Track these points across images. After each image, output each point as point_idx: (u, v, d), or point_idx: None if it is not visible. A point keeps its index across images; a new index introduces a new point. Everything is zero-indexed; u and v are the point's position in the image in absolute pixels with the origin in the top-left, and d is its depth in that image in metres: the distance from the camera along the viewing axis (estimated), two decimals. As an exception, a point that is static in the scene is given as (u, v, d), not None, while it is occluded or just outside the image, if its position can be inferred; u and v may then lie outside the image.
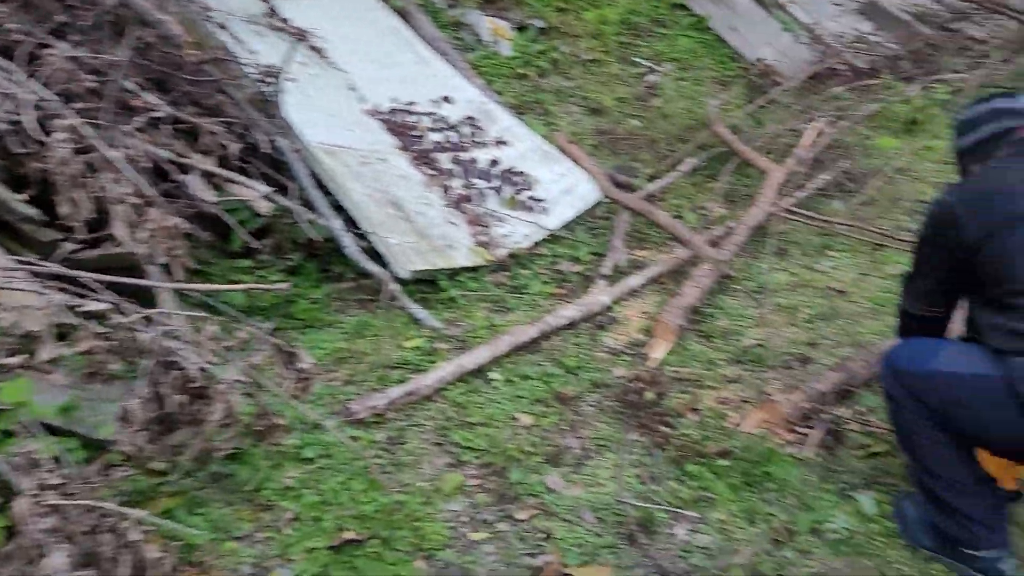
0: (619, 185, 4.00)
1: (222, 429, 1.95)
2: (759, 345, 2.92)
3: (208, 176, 2.75)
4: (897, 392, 2.04)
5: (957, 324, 2.16)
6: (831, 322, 3.10)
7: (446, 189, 3.51)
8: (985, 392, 1.88)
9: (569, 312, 3.02)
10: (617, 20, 5.48)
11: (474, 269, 3.26)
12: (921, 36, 5.68)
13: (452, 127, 3.88)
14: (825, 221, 3.70)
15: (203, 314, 2.04)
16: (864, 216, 3.83)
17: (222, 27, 3.31)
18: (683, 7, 5.72)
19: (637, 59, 5.35)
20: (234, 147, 2.81)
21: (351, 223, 3.11)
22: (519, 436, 2.47)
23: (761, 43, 5.50)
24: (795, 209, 3.74)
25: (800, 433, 2.51)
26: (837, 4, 5.93)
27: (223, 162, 2.83)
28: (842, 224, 3.69)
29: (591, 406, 2.64)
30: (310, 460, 2.29)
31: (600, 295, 3.15)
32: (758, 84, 5.25)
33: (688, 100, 4.92)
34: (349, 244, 3.02)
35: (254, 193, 2.75)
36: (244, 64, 3.16)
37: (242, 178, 2.80)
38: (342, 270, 3.16)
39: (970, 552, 1.99)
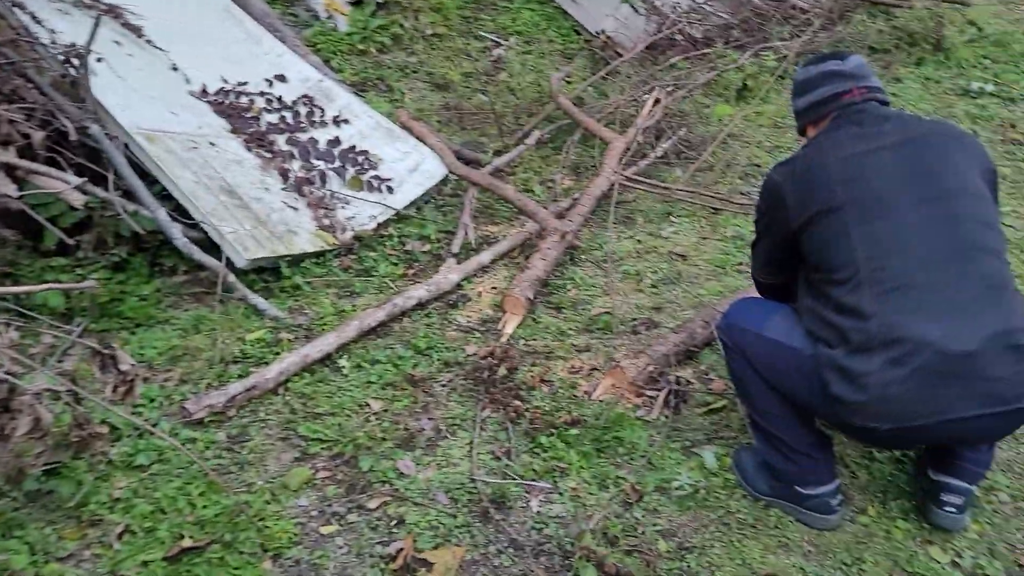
0: (466, 161, 3.96)
1: (32, 443, 1.78)
2: (607, 313, 2.97)
3: (9, 168, 2.50)
4: (731, 343, 2.14)
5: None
6: (674, 286, 3.19)
7: (284, 172, 3.36)
8: (799, 366, 1.96)
9: (419, 292, 2.97)
10: (459, -6, 5.41)
11: (319, 254, 3.14)
12: (750, 5, 5.91)
13: (287, 107, 3.72)
14: (666, 188, 3.80)
15: (1, 320, 1.86)
16: (702, 182, 3.96)
17: (18, 6, 3.00)
18: (525, -21, 5.71)
19: (482, 33, 5.30)
20: (38, 135, 2.57)
21: (181, 212, 2.93)
22: (370, 423, 2.41)
23: (602, 15, 5.57)
24: (638, 177, 3.82)
25: (648, 396, 2.57)
26: (673, -25, 6.08)
27: (26, 152, 2.58)
28: (682, 190, 3.79)
29: (443, 386, 2.60)
30: (143, 467, 2.16)
31: (450, 273, 3.11)
32: (600, 56, 5.32)
33: (534, 73, 4.92)
34: (179, 235, 2.84)
35: (64, 185, 2.53)
36: (45, 45, 2.89)
37: (49, 169, 2.56)
38: (174, 263, 2.98)
39: (801, 490, 2.10)
